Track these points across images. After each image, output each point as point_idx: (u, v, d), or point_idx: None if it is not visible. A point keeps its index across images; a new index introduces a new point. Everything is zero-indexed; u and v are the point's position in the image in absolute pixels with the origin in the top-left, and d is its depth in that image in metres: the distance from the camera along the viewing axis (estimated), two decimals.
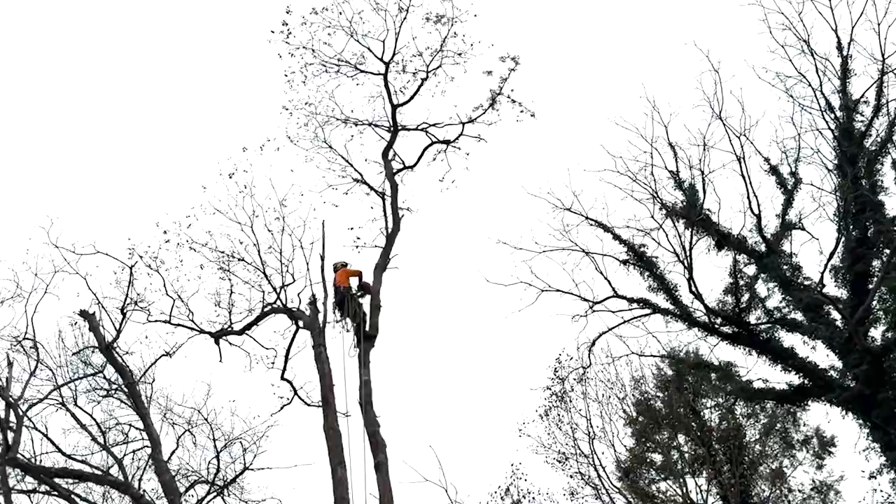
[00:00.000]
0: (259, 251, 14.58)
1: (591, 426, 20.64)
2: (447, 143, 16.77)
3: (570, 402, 20.83)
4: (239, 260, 14.97)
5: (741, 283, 18.54)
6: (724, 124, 17.90)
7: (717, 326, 18.58)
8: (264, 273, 14.53)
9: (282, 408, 14.95)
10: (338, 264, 14.00)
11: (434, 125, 16.63)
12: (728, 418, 20.82)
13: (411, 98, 16.17)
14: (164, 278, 14.99)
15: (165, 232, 15.01)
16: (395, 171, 16.00)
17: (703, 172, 18.34)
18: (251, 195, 14.80)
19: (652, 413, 21.01)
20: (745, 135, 17.97)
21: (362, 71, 16.23)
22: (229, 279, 15.08)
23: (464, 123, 16.63)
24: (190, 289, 15.05)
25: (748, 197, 17.98)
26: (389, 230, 14.77)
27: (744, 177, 17.85)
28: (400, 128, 16.27)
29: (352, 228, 15.48)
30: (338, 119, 16.58)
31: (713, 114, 17.99)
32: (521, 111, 16.71)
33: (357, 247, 15.24)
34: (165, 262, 15.09)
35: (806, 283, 18.19)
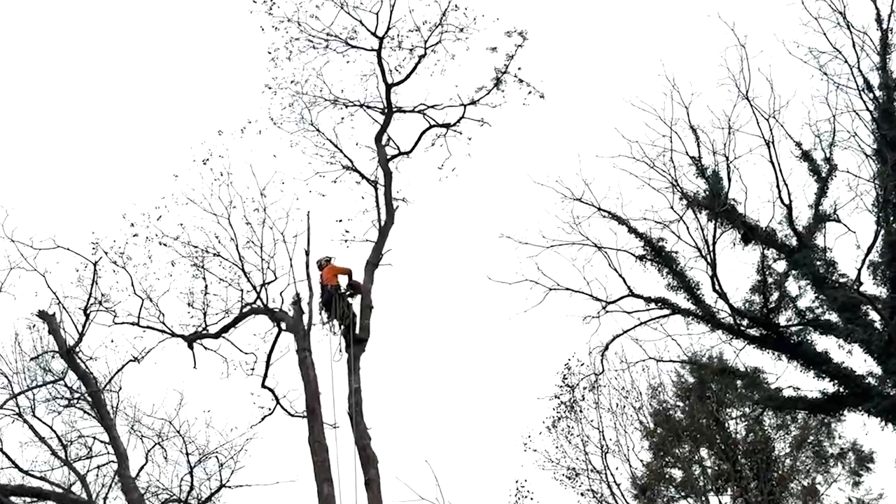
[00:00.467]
0: (237, 246, 14.60)
1: (605, 439, 20.58)
2: (447, 126, 16.69)
3: (581, 412, 20.78)
4: (214, 255, 14.96)
5: (770, 280, 18.46)
6: (752, 105, 17.78)
7: (743, 328, 18.49)
8: (243, 270, 14.53)
9: (262, 419, 14.97)
10: (322, 260, 14.00)
11: (432, 107, 16.55)
12: (755, 430, 20.77)
13: (407, 77, 16.09)
14: (132, 276, 14.94)
15: (133, 224, 14.98)
16: (389, 157, 15.90)
17: (727, 158, 18.24)
18: (228, 183, 14.81)
19: (671, 424, 20.95)
20: (774, 117, 17.85)
21: (353, 46, 16.16)
22: (204, 277, 15.08)
23: (465, 105, 16.54)
24: (160, 288, 15.03)
25: (778, 185, 17.86)
26: (382, 223, 14.71)
27: (773, 163, 17.73)
28: (395, 109, 16.18)
29: (340, 221, 15.43)
30: (326, 100, 16.53)
31: (739, 93, 17.89)
32: (529, 92, 16.63)
33: (346, 241, 15.19)
34: (133, 257, 15.04)
35: (841, 280, 18.06)
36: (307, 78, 16.32)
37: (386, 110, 16.11)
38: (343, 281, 13.69)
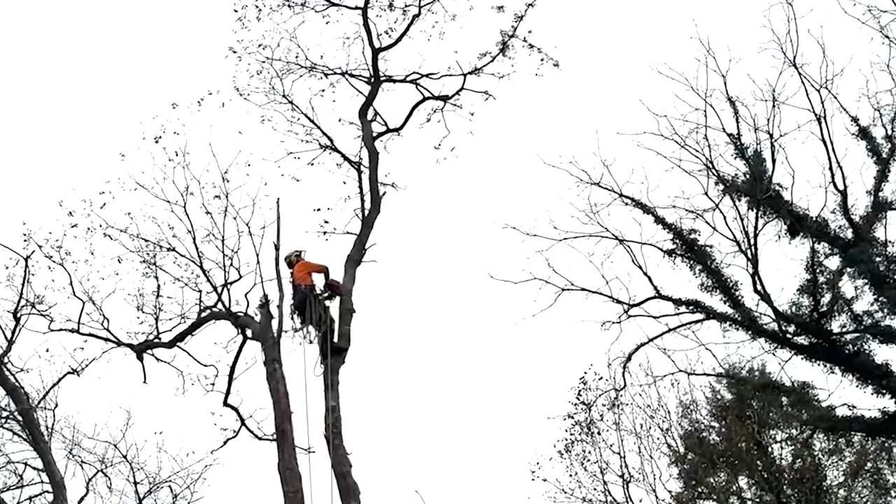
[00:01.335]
0: (195, 239, 14.64)
1: (626, 466, 20.62)
2: (444, 99, 16.72)
3: (599, 434, 20.76)
4: (168, 251, 15.01)
5: (821, 279, 18.54)
6: (800, 73, 17.84)
7: (789, 336, 18.62)
8: (201, 267, 14.57)
9: (225, 442, 14.99)
10: (292, 255, 13.99)
11: (428, 76, 16.58)
12: (803, 455, 20.83)
13: (398, 41, 16.11)
14: (71, 274, 14.99)
15: (71, 213, 15.02)
16: (375, 134, 15.93)
17: (771, 136, 18.31)
18: (184, 166, 14.84)
19: (705, 449, 21.01)
20: (826, 87, 17.90)
21: (335, 4, 16.17)
22: (156, 276, 15.13)
23: (465, 75, 16.57)
24: (104, 288, 15.07)
25: (830, 168, 17.92)
26: (366, 212, 14.74)
27: (825, 142, 17.78)
28: (383, 79, 16.20)
29: (318, 209, 15.46)
30: (302, 66, 16.53)
31: (785, 60, 17.95)
32: (542, 59, 16.66)
33: (325, 233, 15.24)
34: (72, 252, 15.07)
35: None
36: (279, 41, 16.37)
37: (372, 79, 16.12)
38: (319, 280, 13.73)
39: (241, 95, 16.37)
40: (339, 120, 16.47)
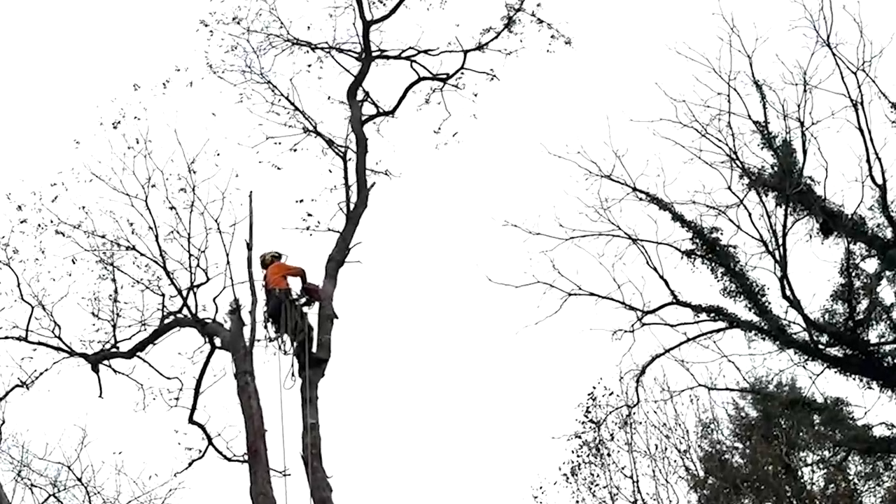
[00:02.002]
0: (157, 237, 14.64)
1: (639, 491, 20.74)
2: (443, 79, 16.80)
3: (609, 455, 20.85)
4: (128, 250, 15.05)
5: (857, 284, 18.67)
6: (834, 54, 17.91)
7: (821, 347, 18.73)
8: (165, 268, 14.59)
9: (190, 464, 15.16)
10: (267, 256, 14.01)
11: (425, 52, 16.64)
12: (837, 480, 20.97)
13: (392, 11, 16.16)
14: (19, 275, 15.03)
15: (20, 208, 15.05)
16: (365, 117, 16.01)
17: (802, 124, 18.37)
18: (146, 155, 14.84)
19: (727, 472, 21.09)
20: (864, 69, 17.93)
21: None
22: (114, 278, 15.18)
23: (467, 52, 16.64)
24: (56, 291, 15.12)
25: (868, 160, 17.95)
26: (352, 206, 14.79)
27: (862, 130, 17.83)
28: (375, 54, 16.25)
29: (300, 201, 15.51)
30: (284, 40, 16.55)
31: (818, 39, 18.01)
32: (552, 37, 16.74)
33: (308, 228, 15.27)
34: (20, 251, 15.13)
35: None
36: (258, 12, 16.40)
37: (363, 55, 16.18)
38: (295, 284, 13.75)
39: (215, 73, 16.41)
40: (330, 98, 16.47)
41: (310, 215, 15.38)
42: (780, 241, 18.23)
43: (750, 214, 18.80)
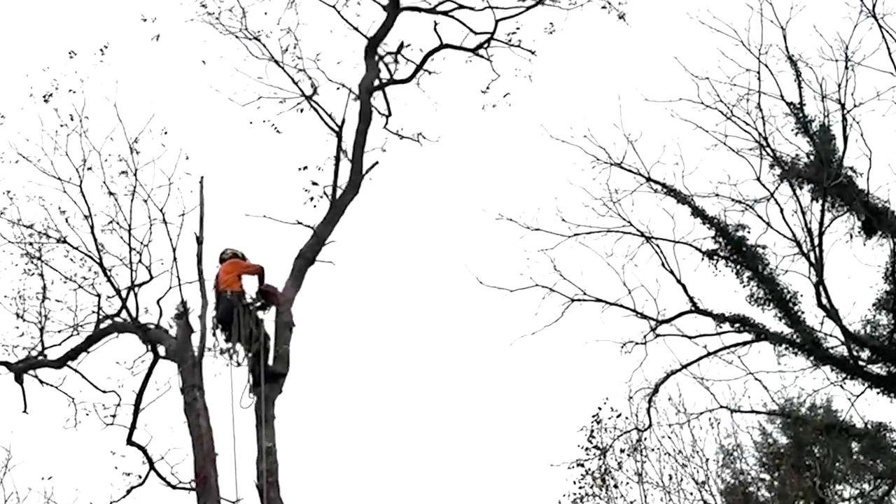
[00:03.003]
0: (93, 228, 14.70)
1: None
2: (474, 50, 16.98)
3: (616, 487, 20.90)
4: (59, 242, 15.19)
5: None
6: (881, 26, 17.91)
7: (862, 364, 18.95)
8: (101, 264, 14.67)
9: (129, 491, 15.25)
10: (227, 252, 13.98)
11: (465, 7, 16.75)
12: None
13: None
14: None
15: None
16: (376, 84, 16.10)
17: (843, 106, 18.47)
18: (82, 132, 14.87)
19: None
20: None
21: None
22: (41, 274, 15.36)
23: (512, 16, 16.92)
24: None
25: None
26: (339, 192, 14.69)
27: None
28: (405, 5, 16.21)
29: (305, 168, 15.52)
30: None
31: (862, 9, 18.07)
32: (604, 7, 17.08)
33: (312, 199, 15.16)
34: None
35: None
36: None
37: (390, 5, 16.11)
38: (252, 285, 13.66)
39: (209, 14, 16.21)
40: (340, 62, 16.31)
41: (315, 184, 15.36)
42: (817, 242, 18.45)
43: (782, 210, 19.10)
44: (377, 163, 15.35)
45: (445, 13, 16.88)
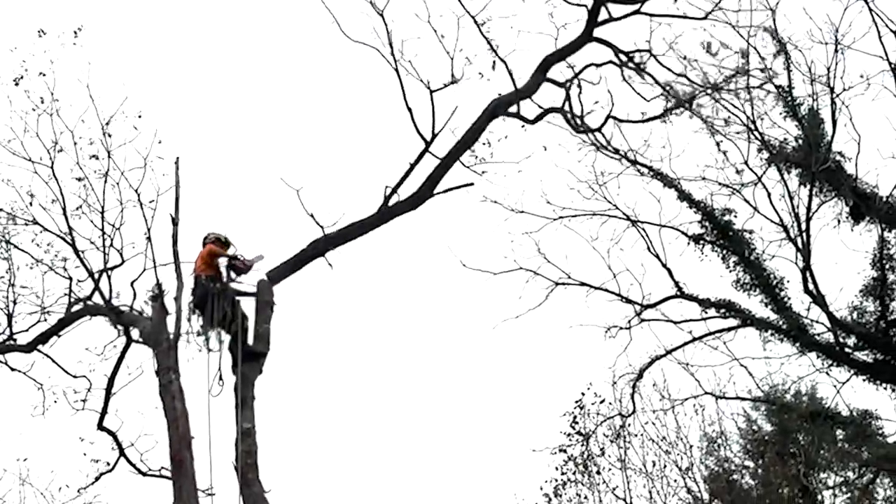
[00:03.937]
0: (65, 210, 14.62)
1: None
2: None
3: (599, 473, 21.02)
4: (28, 224, 15.14)
5: (891, 278, 19.00)
6: (871, 9, 17.74)
7: (848, 350, 19.05)
8: (73, 247, 14.61)
9: (98, 477, 15.27)
10: (210, 237, 13.84)
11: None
12: None
13: None
14: None
15: None
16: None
17: (832, 90, 18.46)
18: (53, 113, 14.74)
19: (736, 495, 21.22)
20: None
21: None
22: (9, 257, 15.32)
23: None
24: None
25: None
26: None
27: None
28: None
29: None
30: None
31: None
32: None
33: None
34: None
35: None
36: None
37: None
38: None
39: None
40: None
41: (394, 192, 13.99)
42: (804, 227, 18.55)
43: (769, 194, 19.18)
44: (472, 183, 14.48)
45: (630, 61, 16.11)
